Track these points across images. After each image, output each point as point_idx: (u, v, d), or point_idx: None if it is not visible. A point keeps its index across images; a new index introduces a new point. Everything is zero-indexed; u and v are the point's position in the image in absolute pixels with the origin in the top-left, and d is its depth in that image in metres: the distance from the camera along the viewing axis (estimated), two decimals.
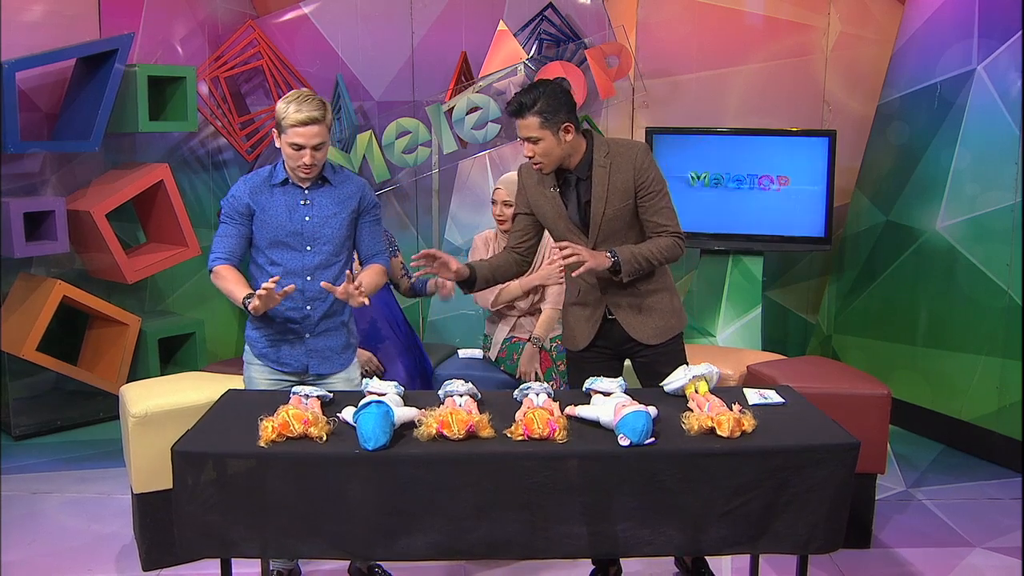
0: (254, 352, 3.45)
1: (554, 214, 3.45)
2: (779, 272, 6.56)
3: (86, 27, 5.74)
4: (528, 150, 3.32)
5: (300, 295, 3.34)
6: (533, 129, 3.27)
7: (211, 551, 2.79)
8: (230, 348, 6.47)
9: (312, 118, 3.16)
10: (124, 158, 5.99)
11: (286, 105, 3.18)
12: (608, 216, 3.37)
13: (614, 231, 3.39)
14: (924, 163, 5.44)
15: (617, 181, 3.36)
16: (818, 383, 3.94)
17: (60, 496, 4.57)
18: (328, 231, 3.35)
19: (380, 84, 6.34)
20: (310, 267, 3.35)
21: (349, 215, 3.40)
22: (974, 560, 3.94)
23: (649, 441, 2.71)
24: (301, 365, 3.42)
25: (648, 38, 6.28)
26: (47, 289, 5.34)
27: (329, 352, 3.45)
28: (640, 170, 3.36)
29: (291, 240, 3.32)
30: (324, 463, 2.70)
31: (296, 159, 3.22)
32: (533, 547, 2.75)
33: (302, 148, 3.19)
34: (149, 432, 3.67)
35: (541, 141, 3.29)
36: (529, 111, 3.25)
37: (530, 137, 3.29)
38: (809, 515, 2.73)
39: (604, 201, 3.36)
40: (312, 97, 3.22)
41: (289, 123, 3.16)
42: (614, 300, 3.46)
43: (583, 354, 3.56)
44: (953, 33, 5.34)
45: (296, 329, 3.38)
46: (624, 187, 3.36)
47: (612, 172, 3.36)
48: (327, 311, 3.41)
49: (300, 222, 3.32)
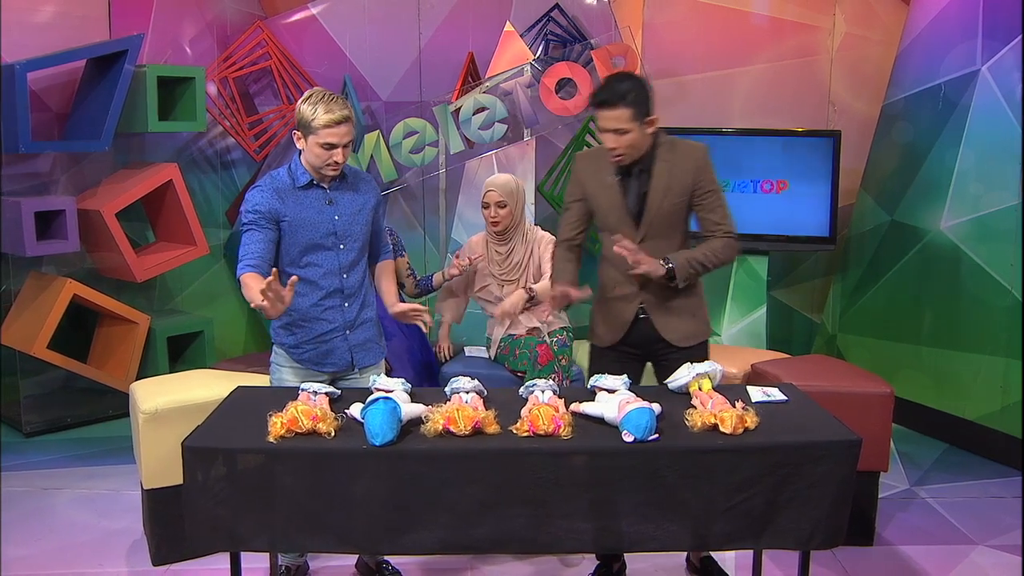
0: (293, 358, 3.43)
1: (609, 203, 3.45)
2: (784, 272, 6.59)
3: (96, 28, 5.80)
4: (613, 141, 3.28)
5: (339, 294, 3.39)
6: (624, 121, 3.23)
7: (221, 545, 2.83)
8: (238, 346, 6.52)
9: (344, 116, 3.19)
10: (133, 158, 6.04)
11: (313, 107, 3.18)
12: (664, 210, 3.39)
13: (663, 226, 3.42)
14: (928, 163, 5.46)
15: (677, 176, 3.38)
16: (821, 381, 3.96)
17: (70, 492, 4.62)
18: (357, 227, 3.40)
19: (387, 84, 6.38)
20: (345, 265, 3.38)
21: (371, 211, 3.45)
22: (977, 558, 3.96)
23: (653, 437, 2.74)
24: (346, 362, 3.46)
25: (654, 39, 6.31)
26: (57, 288, 5.39)
27: (369, 344, 3.51)
28: (701, 169, 3.40)
29: (326, 240, 3.34)
30: (332, 458, 2.73)
31: (326, 158, 3.23)
32: (538, 542, 2.78)
33: (334, 147, 3.21)
34: (159, 428, 3.71)
35: (629, 133, 3.26)
36: (621, 102, 3.22)
37: (619, 129, 3.25)
38: (811, 511, 2.76)
39: (662, 194, 3.38)
40: (335, 96, 3.23)
41: (321, 124, 3.16)
42: (649, 298, 3.48)
43: (607, 353, 3.56)
44: (957, 34, 5.35)
45: (338, 328, 3.41)
46: (682, 183, 3.39)
47: (673, 167, 3.39)
48: (362, 304, 3.46)
49: (331, 222, 3.34)
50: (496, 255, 4.58)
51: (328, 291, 3.37)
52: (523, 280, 4.55)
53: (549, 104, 5.84)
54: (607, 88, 3.26)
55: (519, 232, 4.56)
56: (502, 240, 4.56)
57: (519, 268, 4.54)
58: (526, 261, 4.54)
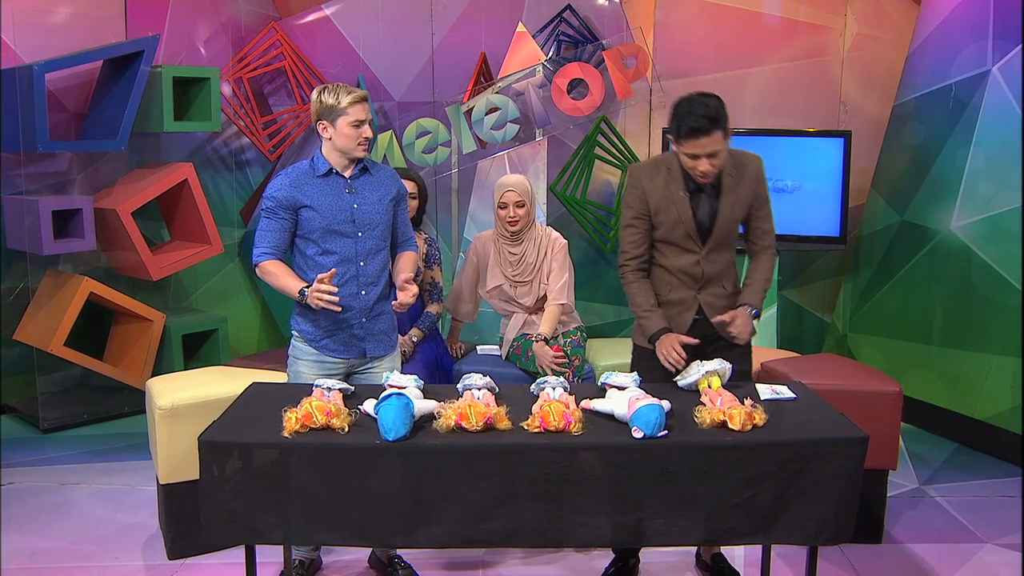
0: (311, 344, 3.52)
1: (676, 218, 3.44)
2: (795, 271, 6.60)
3: (112, 29, 5.86)
4: (706, 164, 3.30)
5: (355, 281, 3.46)
6: (718, 143, 3.27)
7: (236, 538, 2.88)
8: (252, 344, 6.57)
9: (364, 94, 3.37)
10: (149, 157, 6.10)
11: (333, 95, 3.34)
12: (731, 222, 3.46)
13: (725, 240, 3.49)
14: (939, 163, 5.47)
15: (743, 190, 3.45)
16: (830, 380, 3.98)
17: (87, 487, 4.68)
18: (376, 216, 3.48)
19: (400, 85, 6.42)
20: (363, 253, 3.46)
21: (391, 201, 3.53)
22: (985, 556, 3.97)
23: (662, 434, 2.78)
24: (359, 350, 3.53)
25: (665, 39, 6.33)
26: (74, 286, 5.45)
27: (382, 334, 3.58)
28: (760, 181, 3.49)
29: (344, 228, 3.43)
30: (346, 453, 2.78)
31: (357, 136, 3.36)
32: (548, 536, 2.83)
33: (363, 123, 3.35)
34: (175, 424, 3.75)
35: (720, 154, 3.31)
36: (718, 128, 3.24)
37: (714, 152, 3.28)
38: (819, 507, 2.79)
39: (731, 208, 3.44)
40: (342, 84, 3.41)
41: (348, 103, 3.32)
42: (707, 300, 3.52)
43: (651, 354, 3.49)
44: (968, 34, 5.36)
45: (354, 315, 3.48)
46: (747, 196, 3.46)
47: (738, 181, 3.44)
48: (379, 295, 3.53)
49: (349, 209, 3.43)
50: (510, 256, 4.58)
51: (345, 278, 3.44)
52: (536, 281, 4.56)
53: (561, 104, 5.87)
54: (700, 115, 3.23)
55: (531, 233, 4.58)
56: (516, 241, 4.56)
57: (532, 269, 4.56)
58: (539, 262, 4.56)
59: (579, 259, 6.09)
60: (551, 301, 4.50)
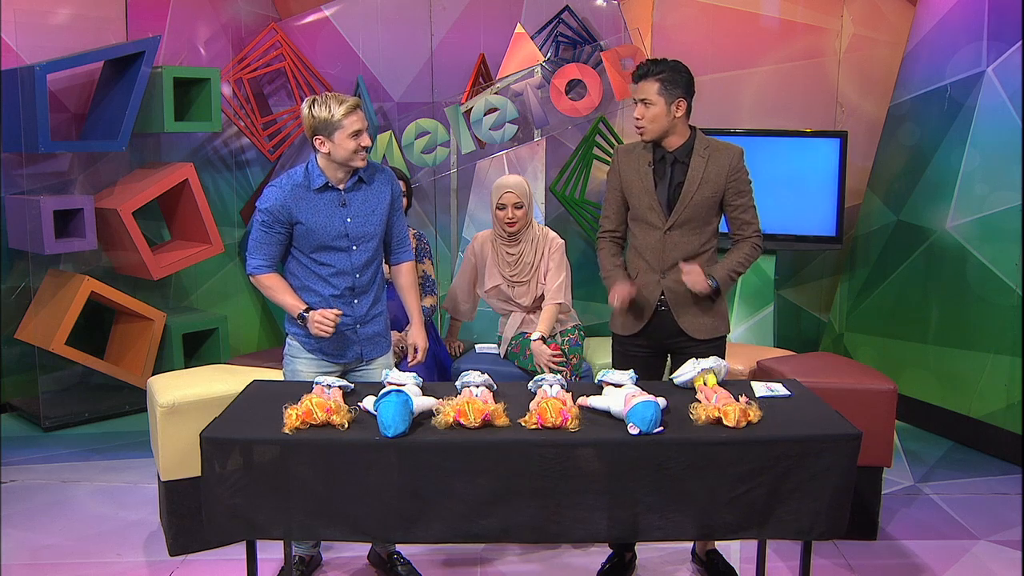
0: (306, 348, 3.54)
1: (641, 189, 3.59)
2: (792, 271, 6.63)
3: (113, 30, 5.90)
4: (638, 111, 3.50)
5: (350, 292, 3.49)
6: (649, 92, 3.46)
7: (237, 533, 2.90)
8: (252, 343, 6.60)
9: (356, 103, 3.35)
10: (150, 157, 6.13)
11: (324, 107, 3.29)
12: (694, 202, 3.53)
13: (691, 219, 3.55)
14: (934, 164, 5.51)
15: (711, 172, 3.53)
16: (825, 378, 4.02)
17: (89, 484, 4.71)
18: (370, 228, 3.49)
19: (400, 85, 6.46)
20: (358, 265, 3.48)
21: (385, 209, 3.54)
22: (978, 552, 4.00)
23: (658, 430, 2.81)
24: (355, 355, 3.57)
25: (663, 40, 6.36)
26: (75, 285, 5.48)
27: (376, 337, 3.62)
28: (734, 169, 3.55)
29: (339, 243, 3.44)
30: (346, 450, 2.80)
31: (356, 146, 3.34)
32: (546, 531, 2.85)
33: (360, 133, 3.34)
34: (177, 422, 3.78)
35: (652, 106, 3.46)
36: (651, 75, 3.45)
37: (644, 99, 3.47)
38: (812, 502, 2.82)
39: (696, 186, 3.52)
40: (333, 93, 3.40)
41: (343, 114, 3.29)
42: (670, 287, 3.59)
43: (628, 342, 3.70)
44: (963, 35, 5.40)
45: (349, 323, 3.51)
46: (716, 179, 3.53)
47: (709, 163, 3.53)
48: (372, 300, 3.57)
49: (343, 224, 3.43)
50: (507, 256, 4.61)
51: (340, 290, 3.47)
52: (534, 281, 4.59)
53: (559, 105, 5.91)
54: (645, 63, 3.50)
55: (529, 233, 4.61)
56: (513, 241, 4.59)
57: (530, 269, 4.58)
58: (536, 262, 4.59)
59: (577, 258, 6.12)
60: (548, 300, 4.53)
